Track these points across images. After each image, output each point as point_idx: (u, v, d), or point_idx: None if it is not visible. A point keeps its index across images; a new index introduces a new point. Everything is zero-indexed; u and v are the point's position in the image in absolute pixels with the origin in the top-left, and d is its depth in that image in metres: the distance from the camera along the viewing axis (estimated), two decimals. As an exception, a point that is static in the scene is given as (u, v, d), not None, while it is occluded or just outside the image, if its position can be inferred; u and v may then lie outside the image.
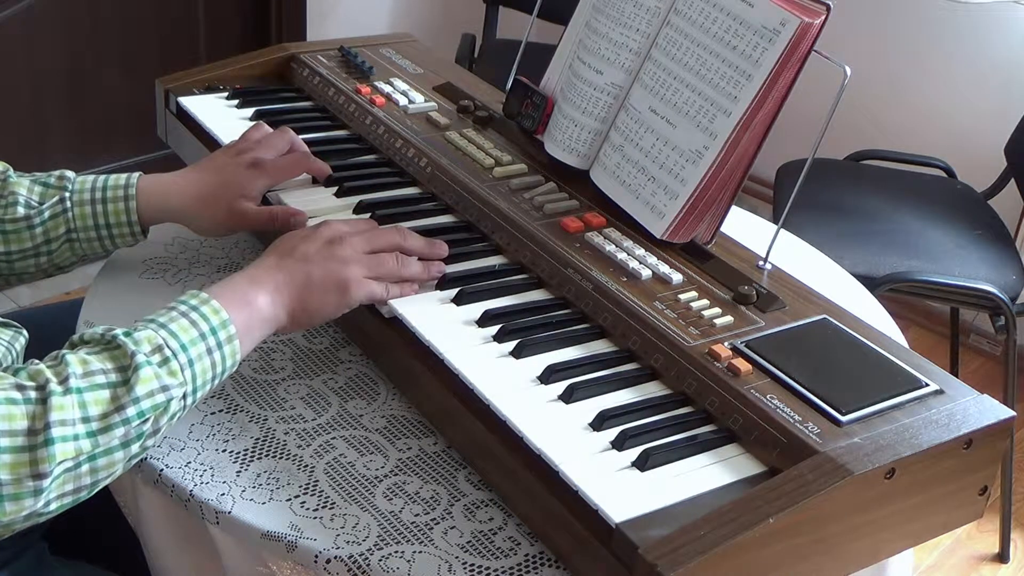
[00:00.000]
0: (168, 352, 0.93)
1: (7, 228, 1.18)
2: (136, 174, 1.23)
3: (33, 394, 0.87)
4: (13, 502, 0.85)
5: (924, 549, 2.20)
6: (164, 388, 0.92)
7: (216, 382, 0.98)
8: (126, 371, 0.91)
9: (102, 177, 1.22)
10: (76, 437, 0.87)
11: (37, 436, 0.86)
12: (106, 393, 0.89)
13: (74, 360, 0.90)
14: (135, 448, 0.91)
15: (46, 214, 1.19)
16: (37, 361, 0.92)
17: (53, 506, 0.88)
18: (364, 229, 1.13)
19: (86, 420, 0.88)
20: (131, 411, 0.89)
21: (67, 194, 1.19)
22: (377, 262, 1.10)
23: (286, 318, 1.04)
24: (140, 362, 0.91)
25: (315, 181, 1.33)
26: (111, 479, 0.92)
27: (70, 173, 1.21)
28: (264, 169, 1.24)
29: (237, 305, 0.99)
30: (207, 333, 0.96)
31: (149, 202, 1.22)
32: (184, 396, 0.94)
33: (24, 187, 1.19)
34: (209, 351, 0.96)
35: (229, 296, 1.00)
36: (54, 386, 0.87)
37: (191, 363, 0.94)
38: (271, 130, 1.31)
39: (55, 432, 0.86)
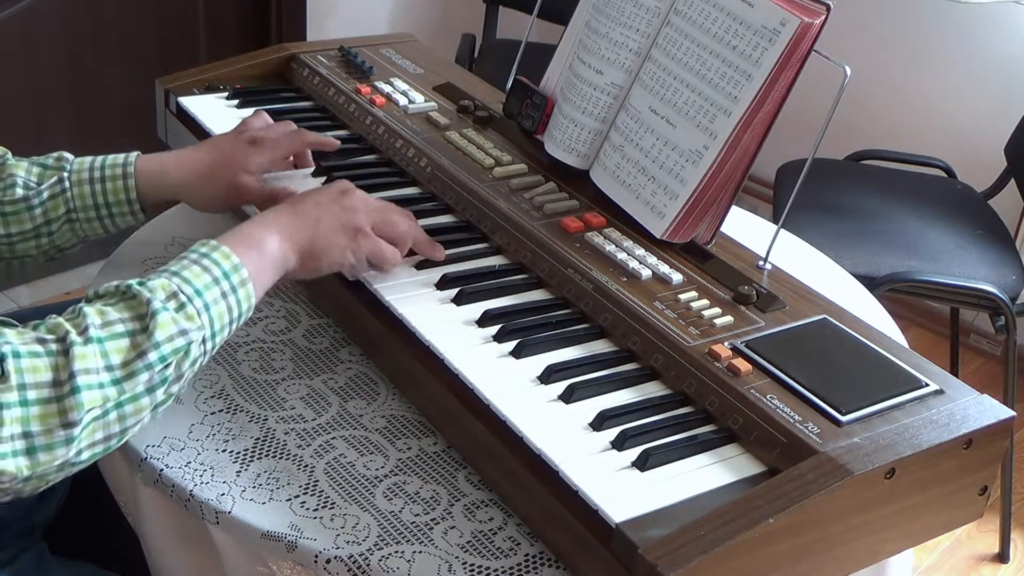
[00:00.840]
0: (183, 297, 0.94)
1: (6, 210, 1.19)
2: (134, 153, 1.24)
3: (54, 346, 0.88)
4: (46, 452, 0.86)
5: (924, 549, 2.20)
6: (183, 332, 0.92)
7: (233, 326, 0.99)
8: (144, 319, 0.91)
9: (100, 157, 1.23)
10: (101, 385, 0.88)
11: (63, 387, 0.86)
12: (126, 341, 0.90)
13: (91, 311, 0.91)
14: (160, 395, 0.92)
15: (45, 195, 1.19)
16: (55, 315, 0.92)
17: (85, 455, 0.89)
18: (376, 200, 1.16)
19: (109, 368, 0.89)
20: (152, 356, 0.90)
21: (65, 174, 1.20)
22: (385, 215, 1.13)
23: (295, 260, 1.06)
24: (157, 308, 0.91)
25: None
26: (139, 427, 0.93)
27: (68, 154, 1.23)
28: (263, 144, 1.26)
29: (247, 249, 1.01)
30: (220, 278, 0.97)
31: (148, 179, 1.23)
32: (203, 341, 0.95)
33: (22, 169, 1.20)
34: (224, 295, 0.97)
35: (239, 241, 1.01)
36: (74, 337, 0.88)
37: (207, 307, 0.95)
38: (271, 120, 1.32)
39: (80, 380, 0.86)
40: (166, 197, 1.26)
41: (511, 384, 1.01)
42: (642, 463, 0.92)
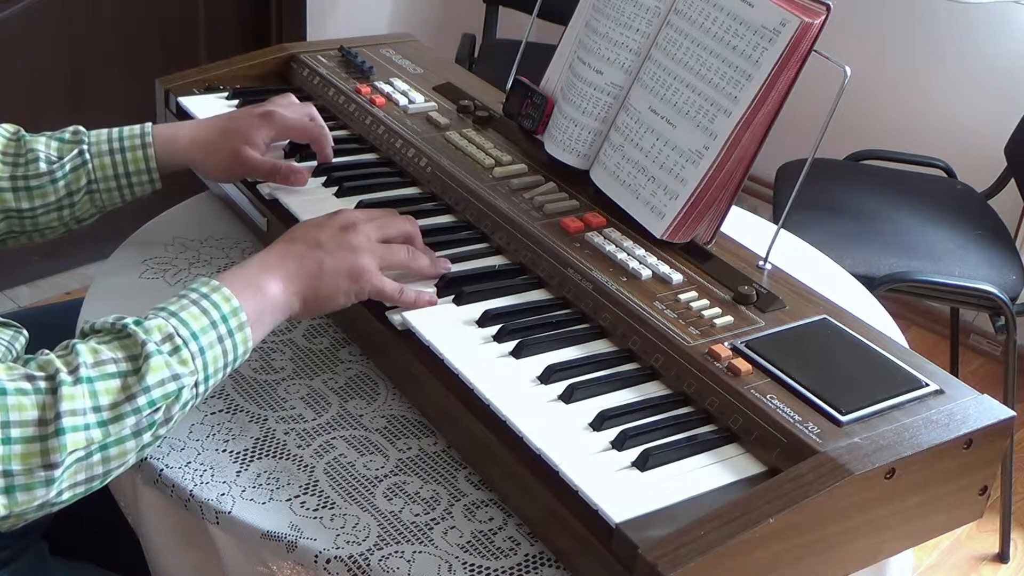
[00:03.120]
0: (179, 341, 0.93)
1: (31, 184, 1.22)
2: (148, 124, 1.27)
3: (43, 384, 0.87)
4: (25, 492, 0.85)
5: (924, 549, 2.20)
6: (175, 376, 0.91)
7: (228, 370, 0.98)
8: (137, 360, 0.91)
9: (115, 129, 1.26)
10: (87, 427, 0.87)
11: (48, 426, 0.86)
12: (117, 382, 0.89)
13: (84, 349, 0.90)
14: (147, 437, 0.91)
15: (67, 167, 1.22)
16: (47, 351, 0.92)
17: (66, 495, 0.88)
18: (376, 216, 1.13)
19: (97, 409, 0.88)
20: (142, 400, 0.89)
21: (85, 147, 1.24)
22: (389, 252, 1.10)
23: (298, 305, 1.04)
24: (151, 351, 0.90)
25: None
26: (124, 468, 0.92)
27: (82, 128, 1.25)
28: (271, 119, 1.29)
29: (248, 292, 0.99)
30: (218, 321, 0.96)
31: (163, 148, 1.26)
32: (196, 385, 0.94)
33: (42, 144, 1.23)
34: (220, 339, 0.96)
35: (240, 283, 0.99)
36: (64, 376, 0.87)
37: (202, 351, 0.94)
38: (296, 100, 1.35)
39: (66, 422, 0.86)
40: (179, 164, 1.29)
41: (511, 384, 1.01)
42: (642, 463, 0.92)
